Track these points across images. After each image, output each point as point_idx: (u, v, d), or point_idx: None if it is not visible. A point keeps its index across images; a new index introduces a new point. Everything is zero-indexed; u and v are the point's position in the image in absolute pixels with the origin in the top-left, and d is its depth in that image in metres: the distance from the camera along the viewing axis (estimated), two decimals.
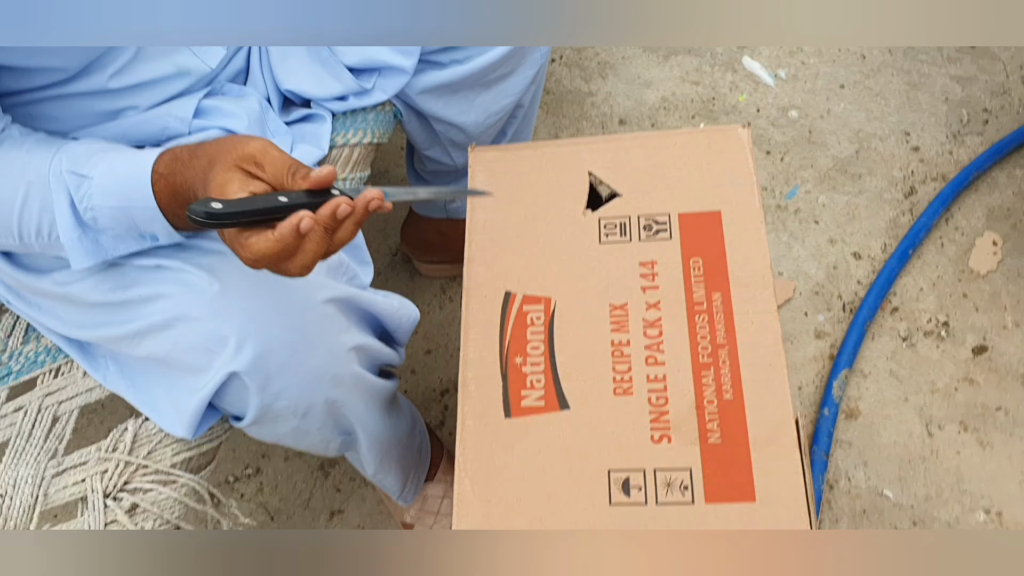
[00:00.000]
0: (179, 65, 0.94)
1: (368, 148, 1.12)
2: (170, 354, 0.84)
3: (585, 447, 0.89)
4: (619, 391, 0.92)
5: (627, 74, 1.81)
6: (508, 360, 0.96)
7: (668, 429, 0.89)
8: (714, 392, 0.90)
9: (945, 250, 1.53)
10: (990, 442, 1.35)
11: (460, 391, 0.95)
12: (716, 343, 0.93)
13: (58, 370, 1.00)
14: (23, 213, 0.79)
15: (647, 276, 0.98)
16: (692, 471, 0.86)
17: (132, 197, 0.75)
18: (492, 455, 0.91)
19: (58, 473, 0.91)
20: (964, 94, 1.70)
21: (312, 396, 0.87)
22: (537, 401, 0.93)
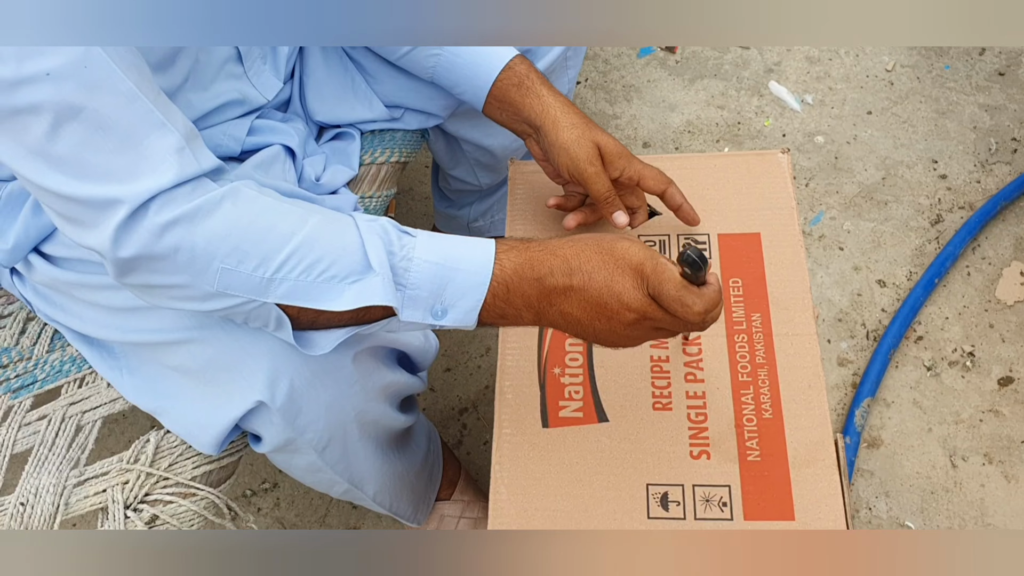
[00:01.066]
0: (242, 92, 0.96)
1: (395, 166, 1.13)
2: (205, 368, 0.84)
3: (624, 460, 0.89)
4: (658, 406, 0.92)
5: (652, 97, 1.81)
6: (546, 370, 0.96)
7: (707, 445, 0.89)
8: (753, 411, 0.90)
9: (972, 279, 1.52)
10: (1015, 475, 1.33)
11: (497, 399, 0.95)
12: (755, 363, 0.93)
13: (83, 380, 1.01)
14: (304, 246, 0.71)
15: None
16: (731, 488, 0.86)
17: (463, 259, 0.74)
18: (529, 464, 0.91)
19: (79, 483, 0.92)
20: (992, 123, 1.69)
21: (333, 429, 0.87)
22: (575, 412, 0.93)
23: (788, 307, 0.96)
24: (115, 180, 0.68)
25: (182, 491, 0.91)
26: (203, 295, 0.72)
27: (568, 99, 0.97)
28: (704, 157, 1.09)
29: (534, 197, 1.08)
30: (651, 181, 0.96)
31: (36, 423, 0.98)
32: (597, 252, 0.74)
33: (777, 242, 1.01)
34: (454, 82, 1.00)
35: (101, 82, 0.66)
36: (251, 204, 0.72)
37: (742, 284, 0.98)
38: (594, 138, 0.94)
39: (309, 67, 1.07)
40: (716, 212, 1.02)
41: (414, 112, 1.11)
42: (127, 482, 0.91)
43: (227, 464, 0.95)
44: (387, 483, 1.04)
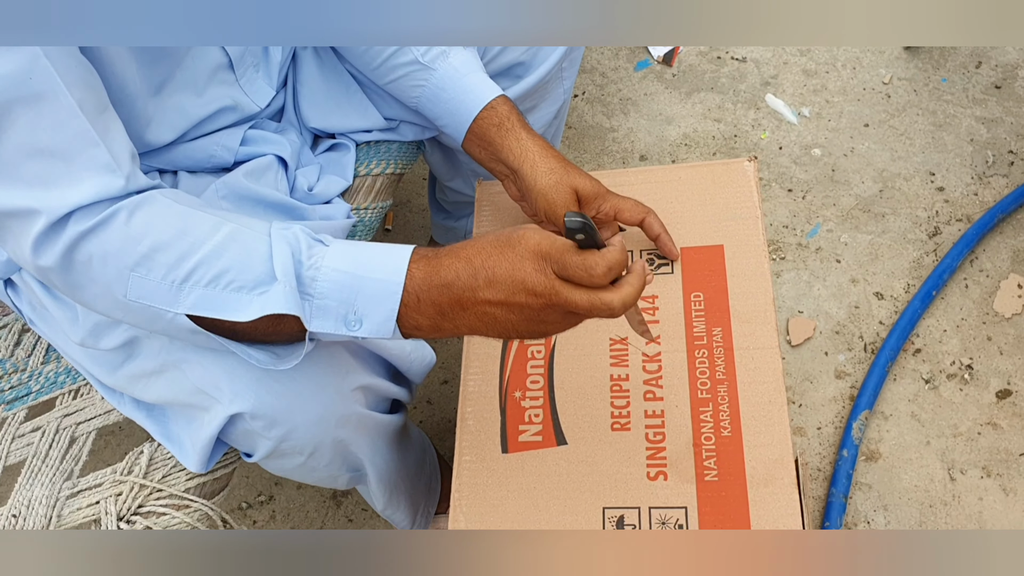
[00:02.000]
0: (234, 99, 0.97)
1: (391, 178, 1.13)
2: (176, 397, 0.84)
3: (580, 483, 0.88)
4: (617, 427, 0.91)
5: (649, 110, 1.81)
6: (507, 395, 0.95)
7: (665, 466, 0.88)
8: (712, 429, 0.88)
9: (969, 292, 1.52)
10: (1013, 488, 1.32)
11: (458, 426, 0.94)
12: (715, 379, 0.91)
13: (77, 391, 1.01)
14: (213, 255, 0.71)
15: (648, 311, 0.97)
16: (687, 510, 0.85)
17: (374, 268, 0.73)
18: (487, 491, 0.90)
19: (72, 495, 0.91)
20: (989, 135, 1.70)
21: (319, 436, 0.86)
22: (535, 436, 0.92)
23: (750, 320, 0.94)
24: (38, 191, 0.68)
25: (175, 503, 0.91)
26: (120, 305, 0.72)
27: (546, 141, 0.98)
28: (669, 169, 1.07)
29: (500, 218, 1.08)
30: (628, 213, 0.98)
31: (30, 435, 0.98)
32: (496, 245, 0.73)
33: (741, 253, 0.99)
34: (437, 114, 1.01)
35: (43, 94, 0.67)
36: (164, 212, 0.72)
37: (704, 298, 0.97)
38: (571, 183, 0.95)
39: (303, 75, 1.07)
40: (680, 225, 1.01)
41: (410, 123, 1.11)
42: (120, 494, 0.91)
43: (220, 476, 0.94)
44: (383, 478, 1.03)
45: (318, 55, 1.08)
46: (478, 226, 1.08)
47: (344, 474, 0.97)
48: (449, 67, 0.97)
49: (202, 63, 0.91)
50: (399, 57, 0.98)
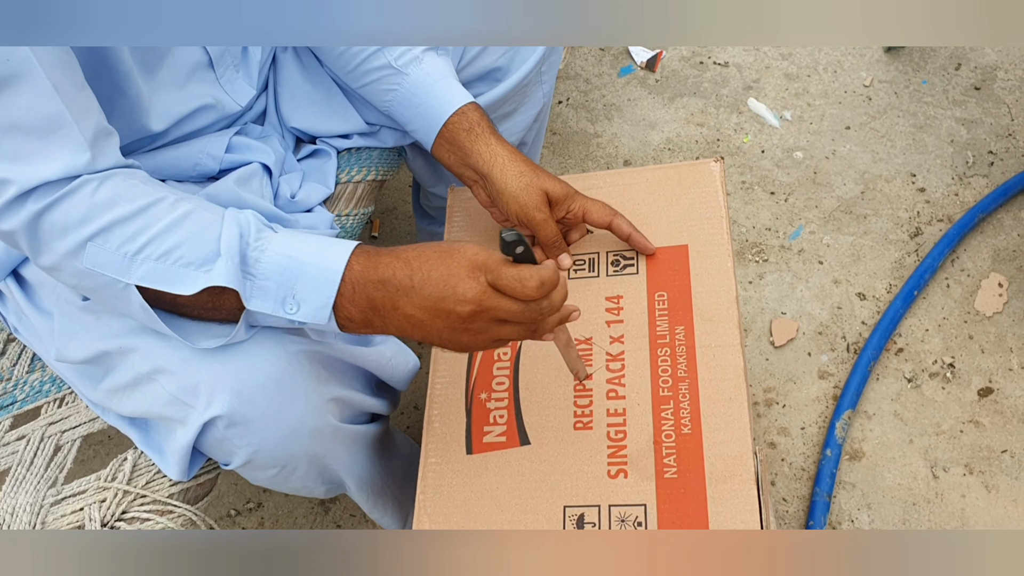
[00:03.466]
0: (215, 97, 0.98)
1: (373, 185, 1.14)
2: (151, 409, 0.85)
3: (542, 482, 0.89)
4: (579, 425, 0.92)
5: (632, 115, 1.83)
6: (473, 396, 0.96)
7: (625, 464, 0.88)
8: (672, 427, 0.89)
9: (951, 291, 1.53)
10: (995, 485, 1.34)
11: (425, 429, 0.95)
12: (677, 377, 0.92)
13: (62, 400, 1.02)
14: (166, 232, 0.76)
15: (612, 310, 0.98)
16: (647, 507, 0.85)
17: (315, 256, 0.77)
18: (452, 491, 0.91)
19: (56, 502, 0.92)
20: (969, 136, 1.71)
21: (292, 449, 0.86)
22: (499, 437, 0.93)
23: (713, 318, 0.95)
24: (11, 164, 0.73)
25: (159, 509, 0.92)
26: (76, 272, 0.77)
27: (514, 147, 0.99)
28: (637, 171, 1.08)
29: (472, 225, 1.09)
30: (595, 215, 1.00)
31: (15, 443, 0.98)
32: (436, 252, 0.76)
33: (705, 253, 1.00)
34: (407, 118, 1.02)
35: (20, 75, 0.71)
36: (127, 189, 0.76)
37: (667, 297, 0.98)
38: (541, 185, 0.97)
39: (283, 77, 1.09)
40: (645, 226, 1.02)
41: (390, 129, 1.12)
42: (104, 500, 0.91)
43: (204, 482, 0.95)
44: (365, 485, 1.04)
45: (299, 58, 1.09)
46: (449, 233, 1.09)
47: (320, 486, 0.98)
48: (421, 72, 0.99)
49: (183, 60, 0.93)
50: (372, 61, 1.00)
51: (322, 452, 0.90)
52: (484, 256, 0.75)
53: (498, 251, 0.76)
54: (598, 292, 1.00)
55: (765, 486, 0.85)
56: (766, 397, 1.45)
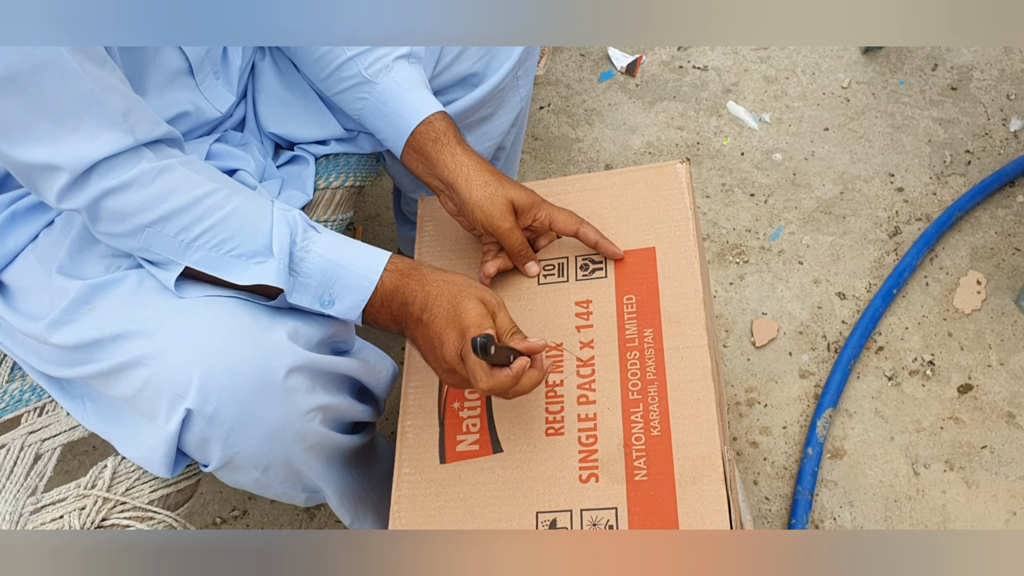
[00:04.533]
0: (195, 104, 1.00)
1: (351, 191, 1.14)
2: (138, 395, 0.85)
3: (515, 489, 0.90)
4: (551, 431, 0.92)
5: (613, 120, 1.84)
6: (446, 406, 0.97)
7: (596, 468, 0.89)
8: (642, 429, 0.90)
9: (930, 289, 1.54)
10: (976, 481, 1.35)
11: (398, 439, 0.95)
12: (646, 379, 0.93)
13: (43, 408, 1.02)
14: (221, 224, 0.84)
15: (582, 315, 0.99)
16: (618, 510, 0.86)
17: (354, 263, 0.87)
18: (425, 501, 0.91)
19: (36, 510, 0.92)
20: (947, 136, 1.73)
21: (272, 453, 0.87)
22: (472, 446, 0.93)
23: (680, 320, 0.95)
24: (53, 147, 0.78)
25: (139, 515, 0.92)
26: (131, 247, 0.85)
27: (481, 157, 1.00)
28: (604, 176, 1.09)
29: (442, 234, 1.10)
30: (562, 224, 1.01)
31: None
32: (448, 301, 0.87)
33: (672, 255, 1.00)
34: (378, 127, 1.03)
35: (46, 62, 0.75)
36: (182, 181, 0.83)
37: (635, 300, 0.98)
38: (506, 194, 0.98)
39: (261, 84, 1.09)
40: (613, 230, 1.02)
41: (368, 135, 1.13)
42: (84, 508, 0.91)
43: (184, 488, 0.95)
44: (346, 495, 1.04)
45: (276, 65, 1.10)
46: (420, 242, 1.10)
47: (300, 493, 0.98)
48: (391, 82, 0.99)
49: (163, 65, 0.94)
50: (345, 70, 1.00)
51: (300, 459, 0.90)
52: (474, 332, 0.84)
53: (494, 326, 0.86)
54: (568, 297, 1.00)
55: (734, 485, 0.85)
56: (748, 397, 1.46)
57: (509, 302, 1.01)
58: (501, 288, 1.03)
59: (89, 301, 0.89)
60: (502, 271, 1.03)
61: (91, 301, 0.89)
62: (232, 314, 0.85)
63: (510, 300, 1.02)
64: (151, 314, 0.86)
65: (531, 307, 1.01)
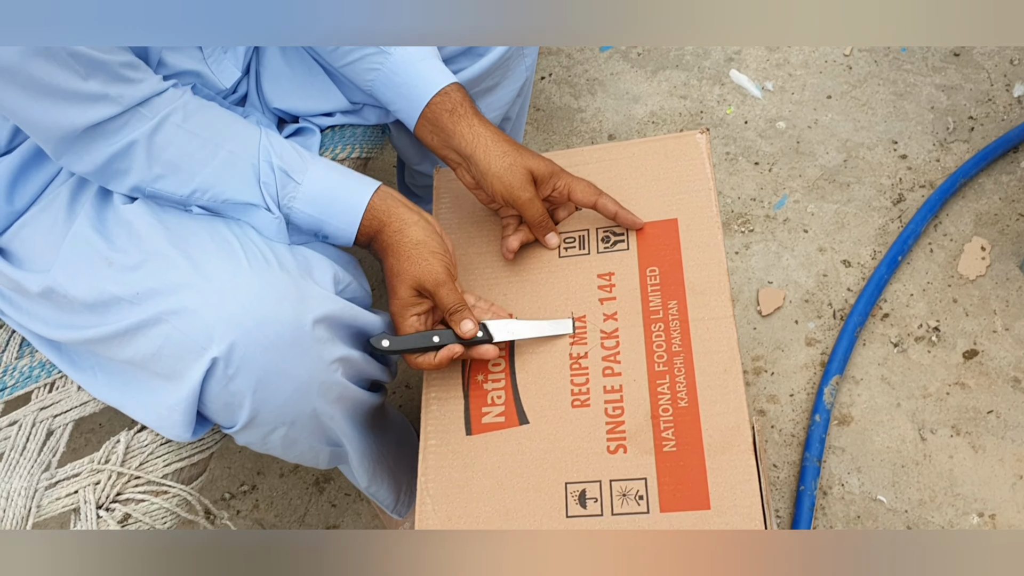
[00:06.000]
0: (201, 71, 0.99)
1: (357, 162, 1.14)
2: (157, 354, 0.84)
3: (543, 461, 0.90)
4: (577, 403, 0.92)
5: (616, 90, 1.83)
6: (470, 378, 0.97)
7: (624, 439, 0.89)
8: (669, 400, 0.90)
9: (934, 256, 1.54)
10: (982, 445, 1.35)
11: (423, 412, 0.96)
12: (672, 351, 0.92)
13: (53, 384, 1.01)
14: (217, 176, 0.89)
15: (605, 288, 0.98)
16: (647, 481, 0.86)
17: (334, 216, 0.93)
18: (452, 473, 0.91)
19: (51, 485, 0.92)
20: (950, 102, 1.72)
21: (299, 405, 0.87)
22: (497, 417, 0.93)
23: (704, 292, 0.95)
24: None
25: (154, 489, 0.92)
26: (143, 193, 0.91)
27: (497, 128, 1.00)
28: (622, 146, 1.08)
29: (459, 206, 1.09)
30: (580, 194, 1.00)
31: (7, 428, 0.98)
32: (391, 274, 0.94)
33: (694, 226, 0.99)
34: (390, 99, 1.02)
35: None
36: (173, 138, 0.87)
37: (659, 272, 0.97)
38: (526, 164, 0.97)
39: (265, 59, 1.08)
40: (633, 201, 1.02)
41: (373, 107, 1.12)
42: (99, 482, 0.91)
43: (198, 461, 0.95)
44: (365, 456, 1.04)
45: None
46: (436, 214, 1.09)
47: (325, 448, 0.98)
48: (404, 52, 0.98)
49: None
50: None
51: (327, 412, 0.91)
52: (397, 314, 0.94)
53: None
54: (590, 270, 1.00)
55: (762, 455, 0.86)
56: (755, 366, 1.46)
57: (530, 275, 1.01)
58: (522, 263, 1.02)
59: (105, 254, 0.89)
60: (523, 244, 1.03)
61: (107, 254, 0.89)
62: (254, 263, 0.86)
63: (531, 273, 1.01)
64: (171, 269, 0.86)
65: (553, 280, 1.00)
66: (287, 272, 0.87)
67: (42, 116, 0.82)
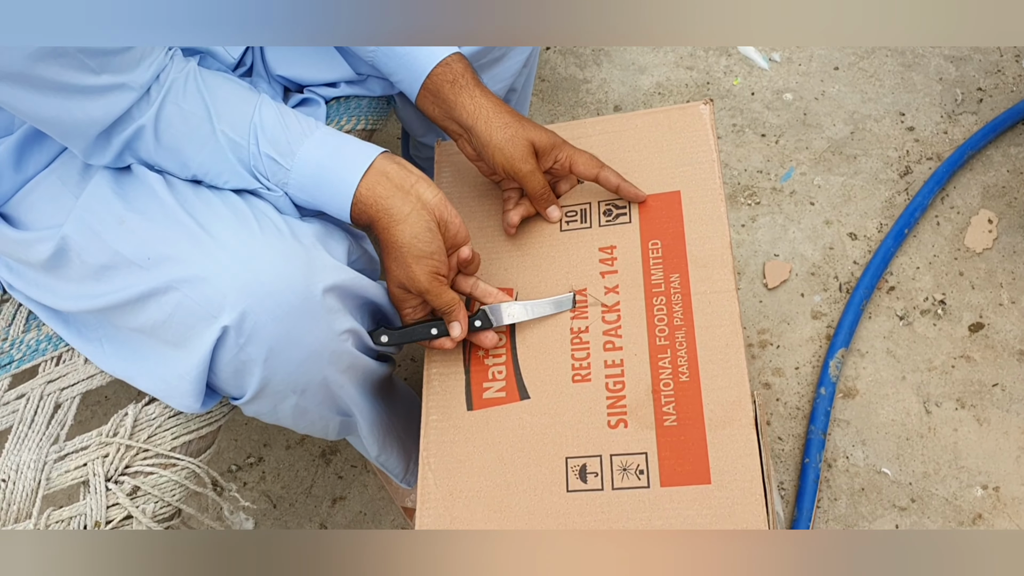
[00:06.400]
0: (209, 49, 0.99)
1: (362, 134, 1.13)
2: (168, 321, 0.84)
3: (543, 435, 0.90)
4: (578, 378, 0.92)
5: (622, 60, 1.81)
6: (471, 354, 0.97)
7: (625, 414, 0.89)
8: (670, 375, 0.89)
9: (941, 229, 1.54)
10: (987, 418, 1.36)
11: (424, 388, 0.96)
12: (673, 325, 0.92)
13: (60, 358, 1.01)
14: (211, 155, 0.88)
15: (606, 261, 0.98)
16: (648, 455, 0.86)
17: (323, 203, 0.90)
18: (454, 448, 0.92)
19: (60, 458, 0.92)
20: (958, 74, 1.71)
21: (310, 374, 0.87)
22: (498, 392, 0.93)
23: (707, 265, 0.94)
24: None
25: (163, 462, 0.92)
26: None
27: (499, 98, 0.98)
28: (626, 117, 1.06)
29: (461, 180, 1.08)
30: (582, 167, 0.99)
31: (14, 402, 0.98)
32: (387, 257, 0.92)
33: (697, 199, 0.98)
34: (392, 69, 1.01)
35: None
36: (170, 127, 0.87)
37: (661, 245, 0.97)
38: (527, 136, 0.96)
39: None
40: (636, 173, 1.00)
41: (378, 78, 1.11)
42: (107, 455, 0.91)
43: (206, 434, 0.95)
44: (375, 425, 1.05)
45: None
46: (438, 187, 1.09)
47: (335, 417, 0.98)
48: None
49: None
50: None
51: (337, 381, 0.91)
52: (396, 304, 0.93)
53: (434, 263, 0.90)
54: (591, 243, 0.99)
55: (764, 429, 0.86)
56: (760, 339, 1.46)
57: (532, 249, 1.00)
58: (523, 236, 1.02)
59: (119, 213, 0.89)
60: (525, 218, 1.02)
61: (121, 213, 0.89)
62: (267, 232, 0.86)
63: (533, 247, 1.01)
64: (184, 235, 0.86)
65: (554, 254, 1.00)
66: (299, 242, 0.86)
67: (65, 116, 0.81)
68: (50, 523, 0.88)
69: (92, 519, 0.88)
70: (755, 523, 0.81)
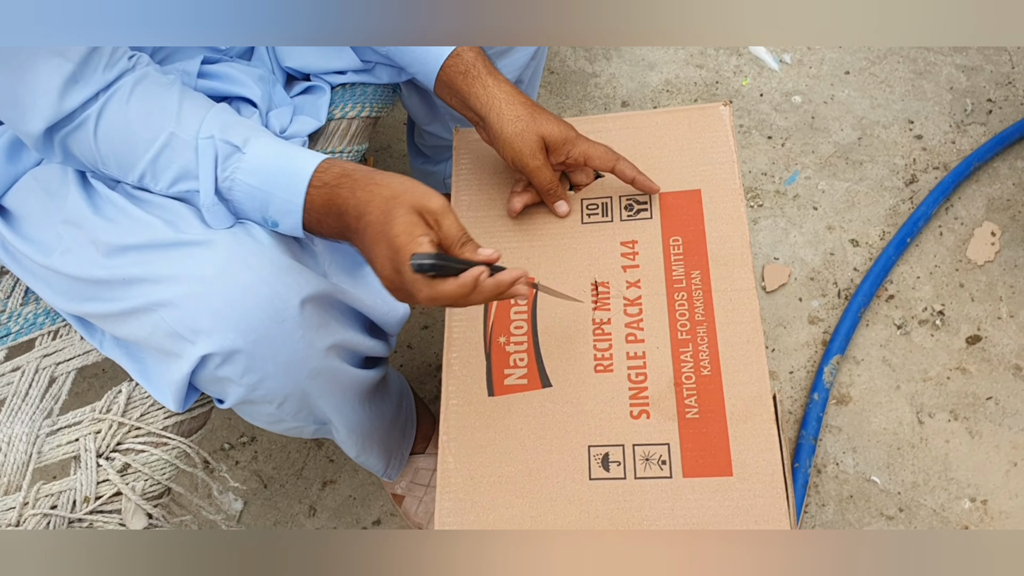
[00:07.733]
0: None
1: (366, 121, 1.13)
2: (150, 336, 0.85)
3: (566, 423, 0.91)
4: (600, 368, 0.93)
5: (631, 56, 1.81)
6: (492, 340, 0.97)
7: (647, 405, 0.90)
8: (692, 368, 0.91)
9: (944, 239, 1.53)
10: (979, 431, 1.36)
11: (444, 371, 0.96)
12: (695, 320, 0.94)
13: (56, 332, 1.02)
14: (157, 160, 0.84)
15: (628, 255, 0.99)
16: (670, 446, 0.88)
17: (279, 186, 0.83)
18: (475, 432, 0.92)
19: (52, 432, 0.93)
20: (969, 83, 1.70)
21: (288, 387, 0.87)
22: (520, 379, 0.94)
23: (727, 263, 0.96)
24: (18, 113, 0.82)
25: (154, 440, 0.93)
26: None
27: (514, 87, 0.98)
28: (646, 115, 1.08)
29: (479, 166, 1.08)
30: (598, 160, 0.99)
31: (10, 374, 0.99)
32: (380, 208, 0.79)
33: (718, 197, 1.00)
34: (407, 63, 1.01)
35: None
36: (116, 124, 0.84)
37: (682, 242, 0.98)
38: (538, 130, 0.95)
39: None
40: (657, 171, 1.02)
41: (385, 66, 1.11)
42: (99, 431, 0.92)
43: (198, 415, 0.96)
44: (355, 431, 1.05)
45: None
46: (456, 175, 1.09)
47: (310, 426, 0.99)
48: None
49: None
50: None
51: (315, 392, 0.91)
52: (403, 240, 0.77)
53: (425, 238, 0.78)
54: (613, 237, 1.00)
55: (782, 426, 0.87)
56: None
57: (553, 240, 1.01)
58: (544, 227, 1.02)
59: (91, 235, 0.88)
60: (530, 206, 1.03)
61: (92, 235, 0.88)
62: (240, 251, 0.83)
63: (554, 239, 1.01)
64: (160, 257, 0.84)
65: (575, 246, 1.00)
66: (270, 260, 0.84)
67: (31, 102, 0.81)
68: (39, 497, 0.88)
69: (82, 494, 0.89)
70: (776, 516, 0.83)
